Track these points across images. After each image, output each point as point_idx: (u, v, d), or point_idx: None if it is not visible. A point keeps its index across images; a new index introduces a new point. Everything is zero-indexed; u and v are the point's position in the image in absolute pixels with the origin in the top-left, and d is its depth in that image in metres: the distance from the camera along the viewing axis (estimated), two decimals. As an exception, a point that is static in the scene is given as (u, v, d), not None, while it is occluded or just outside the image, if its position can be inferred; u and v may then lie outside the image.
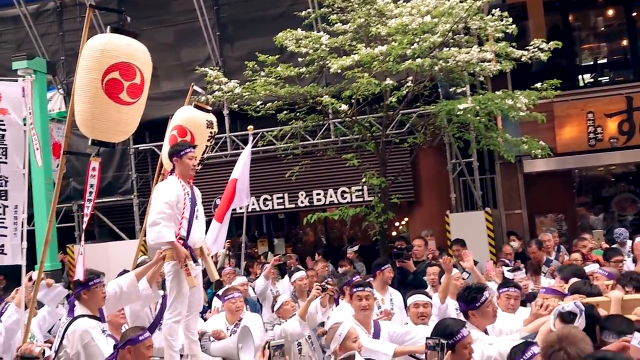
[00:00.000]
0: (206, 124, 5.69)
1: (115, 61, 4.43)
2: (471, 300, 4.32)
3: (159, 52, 12.05)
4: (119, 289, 4.45)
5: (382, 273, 6.22)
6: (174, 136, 5.63)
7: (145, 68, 4.63)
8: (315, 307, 5.21)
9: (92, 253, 11.68)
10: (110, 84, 4.42)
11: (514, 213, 11.34)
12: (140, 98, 4.65)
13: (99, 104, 4.47)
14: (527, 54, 8.37)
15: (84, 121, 4.59)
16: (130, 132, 4.88)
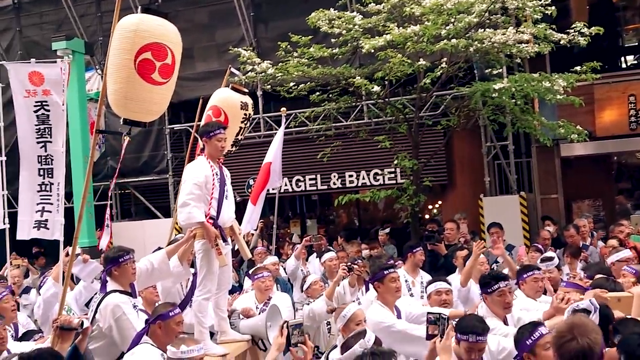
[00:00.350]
0: (240, 105, 5.73)
1: (147, 42, 4.45)
2: (484, 285, 4.40)
3: (194, 33, 12.19)
4: (150, 266, 4.54)
5: (413, 255, 6.18)
6: (209, 116, 5.71)
7: (176, 48, 4.66)
8: (343, 288, 5.23)
9: (129, 231, 12.08)
10: (142, 64, 4.46)
11: (550, 198, 11.12)
12: (171, 78, 4.69)
13: (132, 84, 4.51)
14: (567, 38, 8.13)
15: (117, 101, 4.64)
16: (161, 111, 4.93)
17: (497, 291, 4.32)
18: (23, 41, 13.24)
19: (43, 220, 6.17)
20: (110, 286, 4.40)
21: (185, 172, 4.53)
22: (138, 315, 4.32)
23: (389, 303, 4.73)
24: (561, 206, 11.14)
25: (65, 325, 3.84)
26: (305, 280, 6.19)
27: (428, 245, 7.51)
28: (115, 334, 4.19)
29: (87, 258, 6.00)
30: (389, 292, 4.74)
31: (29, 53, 12.08)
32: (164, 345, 4.05)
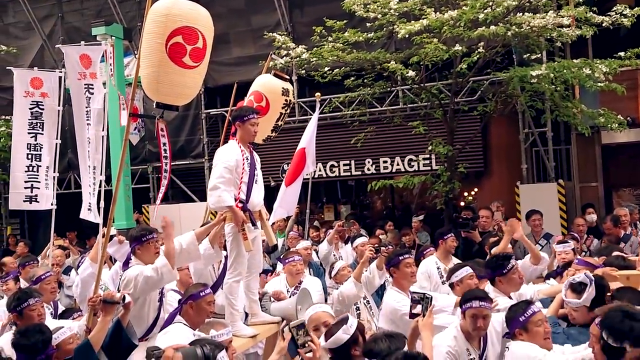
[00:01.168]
0: (282, 91, 5.79)
1: (178, 25, 4.48)
2: (498, 267, 4.53)
3: (230, 18, 12.25)
4: (179, 247, 4.60)
5: (444, 242, 6.14)
6: (250, 101, 5.79)
7: (207, 32, 4.67)
8: (371, 271, 5.25)
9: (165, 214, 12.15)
10: (173, 48, 4.49)
11: (590, 186, 10.85)
12: (202, 62, 4.70)
13: (164, 67, 4.54)
14: (609, 20, 7.88)
15: (149, 84, 4.68)
16: (192, 95, 4.92)
17: (511, 270, 4.50)
18: (65, 27, 13.54)
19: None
20: (133, 264, 4.50)
21: (216, 156, 4.57)
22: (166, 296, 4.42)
23: (404, 288, 4.85)
24: (601, 195, 10.86)
25: (108, 299, 3.99)
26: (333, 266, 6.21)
27: (462, 233, 7.47)
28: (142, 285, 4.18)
29: (123, 239, 6.15)
30: (404, 278, 4.88)
31: (71, 39, 12.34)
32: (196, 324, 4.14)
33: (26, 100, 7.52)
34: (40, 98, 7.52)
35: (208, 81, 12.59)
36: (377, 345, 3.06)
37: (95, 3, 13.23)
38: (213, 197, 4.42)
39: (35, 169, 7.50)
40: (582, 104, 9.02)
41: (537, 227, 8.00)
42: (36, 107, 7.52)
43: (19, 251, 10.29)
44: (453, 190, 9.07)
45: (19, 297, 4.55)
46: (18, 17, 14.01)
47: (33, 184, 7.54)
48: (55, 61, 13.13)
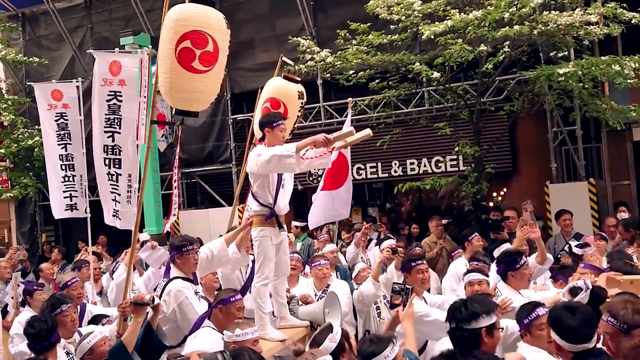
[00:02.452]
0: (298, 95, 5.74)
1: (186, 30, 4.47)
2: (511, 262, 4.67)
3: (255, 23, 12.37)
4: (210, 254, 4.69)
5: (470, 244, 6.15)
6: (267, 108, 5.70)
7: (219, 35, 4.61)
8: (391, 273, 5.28)
9: (195, 218, 12.45)
10: (182, 53, 4.48)
11: (622, 184, 10.65)
12: (215, 66, 4.64)
13: (174, 73, 4.54)
14: (638, 16, 7.74)
15: (165, 91, 4.70)
16: (208, 100, 4.85)
17: (523, 265, 4.68)
18: (94, 37, 13.83)
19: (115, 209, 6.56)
20: (173, 272, 4.59)
21: (251, 155, 4.57)
22: (200, 301, 4.49)
23: (418, 293, 4.85)
24: (634, 193, 10.65)
25: (138, 301, 4.08)
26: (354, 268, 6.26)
27: (491, 234, 7.43)
28: (179, 318, 4.37)
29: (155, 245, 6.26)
30: (415, 283, 4.89)
31: (100, 49, 12.56)
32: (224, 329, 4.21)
33: (50, 112, 7.75)
34: (63, 109, 7.72)
35: (234, 87, 12.74)
36: (362, 346, 3.12)
37: (124, 13, 13.48)
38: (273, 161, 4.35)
39: (70, 179, 7.70)
40: (612, 101, 8.86)
41: (567, 226, 7.90)
42: (61, 119, 7.74)
43: (54, 257, 10.55)
44: (481, 191, 8.99)
45: (53, 303, 4.67)
46: (49, 29, 14.37)
47: (71, 193, 7.74)
48: (85, 71, 13.40)
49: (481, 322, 3.07)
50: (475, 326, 3.07)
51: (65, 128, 7.79)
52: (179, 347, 4.33)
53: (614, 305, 3.03)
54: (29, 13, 14.69)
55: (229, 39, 4.73)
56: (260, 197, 4.60)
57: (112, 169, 6.57)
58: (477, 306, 3.13)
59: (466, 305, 3.14)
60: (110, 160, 6.64)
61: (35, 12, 14.59)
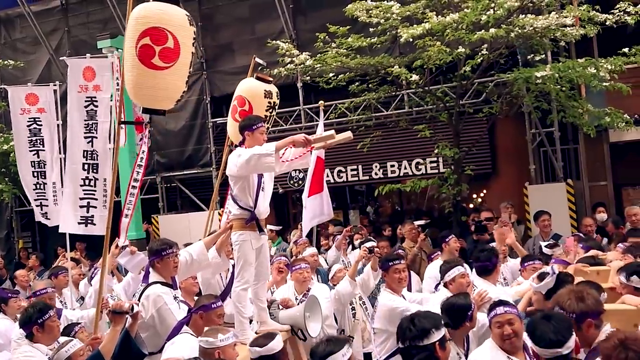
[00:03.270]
0: (264, 94, 5.73)
1: (145, 27, 4.47)
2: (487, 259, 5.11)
3: (235, 26, 12.34)
4: (190, 258, 4.65)
5: (447, 245, 6.22)
6: (234, 106, 5.77)
7: (180, 32, 4.58)
8: (367, 273, 5.29)
9: (175, 223, 12.35)
10: (142, 50, 4.47)
11: (599, 185, 10.78)
12: (177, 62, 4.62)
13: (136, 70, 4.54)
14: (612, 18, 7.85)
15: (129, 90, 4.69)
16: (173, 97, 4.81)
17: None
18: (71, 40, 13.67)
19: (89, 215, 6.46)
20: (152, 277, 4.53)
21: (231, 158, 4.55)
22: (179, 306, 4.44)
23: (396, 291, 5.04)
24: (610, 193, 10.79)
25: (117, 310, 4.02)
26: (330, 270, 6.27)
27: (474, 236, 7.53)
28: (158, 323, 4.31)
29: (135, 250, 6.21)
30: (393, 282, 5.06)
31: (77, 52, 12.44)
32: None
33: (23, 117, 7.54)
34: (37, 114, 7.52)
35: (214, 90, 12.68)
36: (318, 348, 3.12)
37: (101, 16, 13.34)
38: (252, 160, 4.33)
39: (41, 187, 7.48)
40: (589, 103, 8.98)
41: (545, 227, 8.01)
42: (34, 124, 7.51)
43: (31, 264, 10.39)
44: (461, 193, 9.05)
45: (41, 308, 4.62)
46: (25, 32, 14.17)
47: (42, 202, 7.53)
48: (62, 75, 13.21)
49: (432, 338, 3.07)
50: (427, 342, 3.07)
51: (37, 134, 7.59)
52: (159, 353, 4.28)
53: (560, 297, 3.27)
54: (4, 16, 14.48)
55: (192, 36, 4.70)
56: (240, 200, 4.57)
57: (90, 174, 6.49)
58: (425, 322, 3.12)
59: (414, 323, 3.13)
60: (89, 166, 6.58)
61: (10, 15, 14.37)
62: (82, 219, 6.56)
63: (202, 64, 12.67)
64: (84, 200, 6.56)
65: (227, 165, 4.62)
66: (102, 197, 6.66)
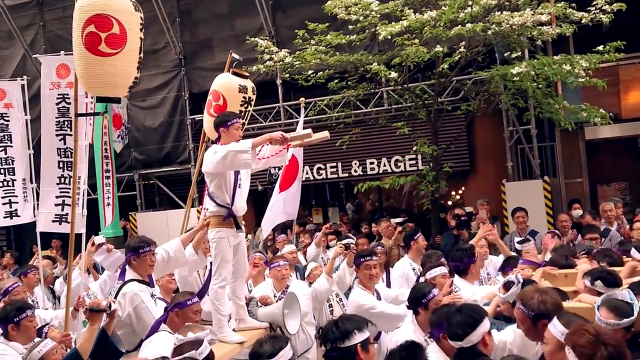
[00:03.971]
0: (239, 88, 5.66)
1: (89, 15, 4.44)
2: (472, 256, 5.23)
3: (214, 23, 12.26)
4: (167, 255, 4.60)
5: (416, 243, 6.25)
6: (209, 101, 5.69)
7: (125, 17, 4.56)
8: (343, 269, 5.31)
9: (153, 220, 12.25)
10: (88, 38, 4.44)
11: (575, 182, 10.94)
12: (125, 48, 4.59)
13: (84, 59, 4.52)
14: (588, 16, 7.95)
15: (80, 80, 4.67)
16: (126, 84, 4.77)
17: None
18: (47, 36, 13.47)
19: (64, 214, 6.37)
20: (128, 275, 4.47)
21: (207, 156, 4.51)
22: (156, 303, 4.39)
23: (368, 287, 5.12)
24: (586, 190, 10.95)
25: (94, 308, 3.96)
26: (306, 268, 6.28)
27: (455, 231, 7.62)
28: (134, 322, 4.26)
29: (111, 248, 6.13)
30: (364, 278, 5.16)
31: (53, 48, 12.27)
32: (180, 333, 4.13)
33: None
34: (4, 109, 7.35)
35: (193, 87, 12.59)
36: (262, 347, 3.09)
37: (78, 11, 13.15)
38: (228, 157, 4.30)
39: (10, 183, 7.29)
40: (565, 101, 9.09)
41: (521, 224, 8.09)
42: (1, 120, 7.36)
43: (5, 262, 10.23)
44: (439, 190, 9.11)
45: (20, 307, 4.55)
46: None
47: (11, 199, 7.34)
48: (38, 70, 12.98)
49: (354, 339, 3.05)
50: (349, 344, 3.05)
51: (5, 129, 7.41)
52: (135, 351, 4.24)
53: (526, 293, 3.39)
54: (-23, 10, 14.22)
55: (139, 22, 4.68)
56: (217, 197, 4.53)
57: (65, 172, 6.39)
58: (348, 324, 3.11)
59: (337, 325, 3.11)
60: (64, 163, 6.48)
61: (-16, 10, 14.12)
62: (57, 217, 6.46)
63: (180, 60, 12.58)
64: (60, 198, 6.47)
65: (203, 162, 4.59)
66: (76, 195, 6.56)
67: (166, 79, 12.67)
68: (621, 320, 3.12)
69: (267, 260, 6.05)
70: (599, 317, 3.19)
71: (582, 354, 2.64)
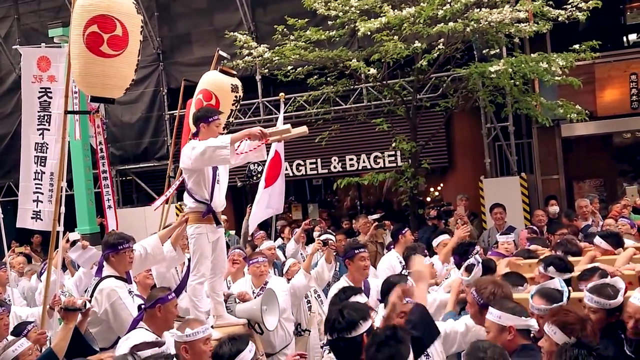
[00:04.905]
0: (231, 88, 5.64)
1: (92, 15, 4.46)
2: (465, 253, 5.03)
3: (192, 17, 12.15)
4: (144, 251, 4.57)
5: (403, 237, 6.29)
6: (199, 100, 5.63)
7: (127, 19, 4.59)
8: (322, 266, 5.31)
9: (131, 217, 12.12)
10: (90, 38, 4.46)
11: (551, 178, 11.08)
12: (126, 50, 4.62)
13: (84, 59, 4.52)
14: (564, 14, 8.05)
15: (77, 78, 4.65)
16: (122, 86, 4.79)
17: None
18: (21, 29, 13.24)
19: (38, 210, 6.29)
20: (106, 271, 4.43)
21: (184, 151, 4.49)
22: (134, 300, 4.35)
23: (357, 280, 5.09)
24: (562, 187, 11.10)
25: (69, 306, 3.91)
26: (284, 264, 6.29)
27: (434, 221, 7.69)
28: (111, 318, 4.23)
29: (87, 244, 6.05)
30: (357, 270, 5.14)
31: (28, 40, 12.08)
32: (160, 329, 4.07)
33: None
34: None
35: (171, 82, 12.47)
36: (221, 349, 3.09)
37: (53, 4, 12.95)
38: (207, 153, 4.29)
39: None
40: (542, 98, 9.19)
41: (498, 220, 8.19)
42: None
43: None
44: (418, 186, 9.15)
45: None
46: (-28, 20, 13.67)
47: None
48: (12, 64, 12.84)
49: (360, 329, 3.07)
50: (355, 334, 3.06)
51: None
52: (111, 348, 4.20)
53: (482, 281, 3.63)
54: (-51, 3, 13.93)
55: (140, 24, 4.71)
56: (195, 193, 4.51)
57: (39, 167, 6.30)
58: (354, 314, 3.12)
59: (343, 315, 3.12)
60: (38, 158, 6.39)
61: (-44, 2, 13.84)
62: (34, 213, 6.39)
63: (158, 55, 12.46)
64: (35, 194, 6.39)
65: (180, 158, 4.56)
66: (47, 192, 6.47)
67: (144, 73, 12.52)
68: (551, 305, 3.35)
69: (245, 257, 6.03)
70: (531, 303, 3.47)
71: (574, 330, 2.93)
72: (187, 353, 3.45)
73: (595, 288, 3.51)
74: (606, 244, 4.98)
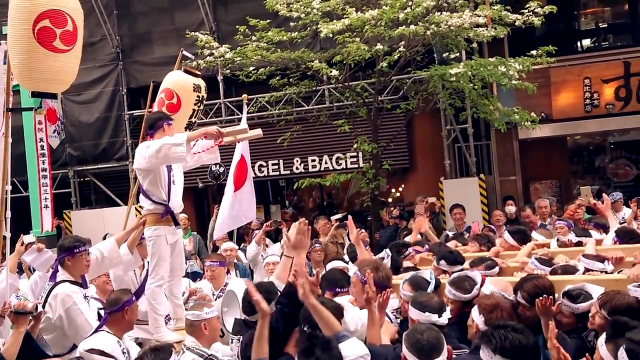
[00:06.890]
0: (193, 87, 5.63)
1: (43, 9, 4.39)
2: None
3: (153, 16, 11.99)
4: (100, 255, 4.50)
5: None
6: (161, 99, 5.61)
7: (75, 14, 4.59)
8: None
9: (89, 219, 11.89)
10: (42, 33, 4.41)
11: (509, 179, 11.33)
12: (75, 45, 4.61)
13: (34, 54, 4.45)
14: (521, 19, 8.23)
15: (21, 73, 4.56)
16: (69, 80, 4.78)
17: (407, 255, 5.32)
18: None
19: None
20: (60, 276, 4.34)
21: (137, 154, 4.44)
22: (89, 304, 4.27)
23: None
24: (519, 187, 11.36)
25: (20, 310, 3.82)
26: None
27: (396, 220, 7.95)
28: (66, 324, 4.14)
29: (42, 247, 5.90)
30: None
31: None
32: (122, 332, 4.02)
33: None
34: None
35: (130, 81, 12.27)
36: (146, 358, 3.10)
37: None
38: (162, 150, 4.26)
39: None
40: (499, 101, 9.38)
41: (458, 220, 8.33)
42: None
43: None
44: (379, 187, 9.23)
45: None
46: None
47: None
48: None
49: None
50: None
51: None
52: (67, 355, 4.11)
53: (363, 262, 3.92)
54: None
55: (83, 19, 4.70)
56: (152, 194, 4.46)
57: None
58: None
59: None
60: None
61: None
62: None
63: (117, 54, 12.23)
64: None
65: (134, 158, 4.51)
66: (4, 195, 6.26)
67: (102, 72, 12.30)
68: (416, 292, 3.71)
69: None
70: (401, 290, 3.83)
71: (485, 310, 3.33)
72: (205, 329, 3.89)
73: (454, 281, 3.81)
74: (512, 240, 5.34)
